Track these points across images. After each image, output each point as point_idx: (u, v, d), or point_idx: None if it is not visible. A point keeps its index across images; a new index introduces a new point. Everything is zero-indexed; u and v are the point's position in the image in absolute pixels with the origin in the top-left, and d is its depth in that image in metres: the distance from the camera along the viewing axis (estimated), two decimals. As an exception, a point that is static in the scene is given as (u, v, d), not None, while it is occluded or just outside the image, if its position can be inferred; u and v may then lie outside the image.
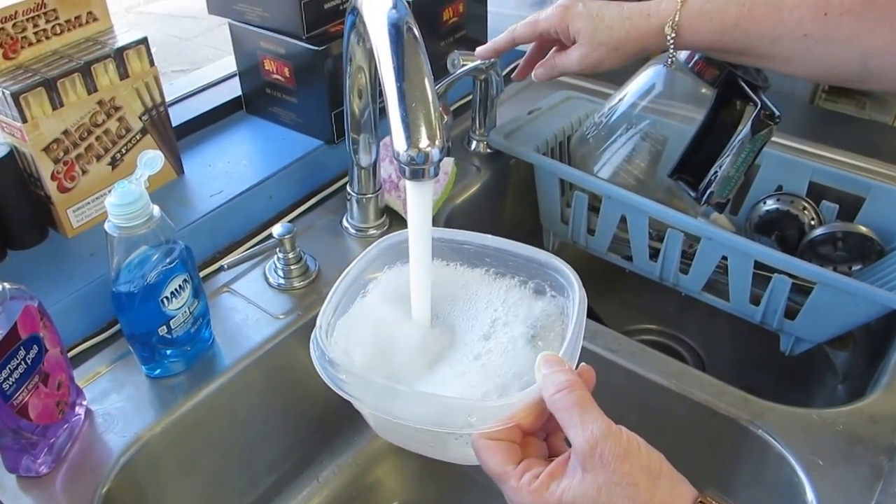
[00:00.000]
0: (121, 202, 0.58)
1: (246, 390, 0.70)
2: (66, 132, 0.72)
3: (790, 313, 0.82)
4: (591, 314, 0.78)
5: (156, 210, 0.61)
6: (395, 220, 0.86)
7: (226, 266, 0.69)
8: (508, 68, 0.96)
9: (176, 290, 0.63)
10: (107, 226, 0.60)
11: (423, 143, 0.46)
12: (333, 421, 0.83)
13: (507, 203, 1.01)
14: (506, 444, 0.46)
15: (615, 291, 1.07)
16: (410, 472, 0.86)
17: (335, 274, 0.78)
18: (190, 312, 0.65)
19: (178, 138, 0.86)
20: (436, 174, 0.48)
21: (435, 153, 0.47)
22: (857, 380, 0.91)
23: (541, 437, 0.49)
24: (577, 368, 0.49)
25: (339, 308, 0.55)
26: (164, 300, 0.63)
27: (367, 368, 0.53)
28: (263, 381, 0.71)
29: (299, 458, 0.80)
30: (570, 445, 0.45)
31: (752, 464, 0.67)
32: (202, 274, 0.77)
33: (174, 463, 0.66)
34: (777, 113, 0.76)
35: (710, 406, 0.67)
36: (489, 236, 0.60)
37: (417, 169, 0.47)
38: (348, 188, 0.82)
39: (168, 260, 0.62)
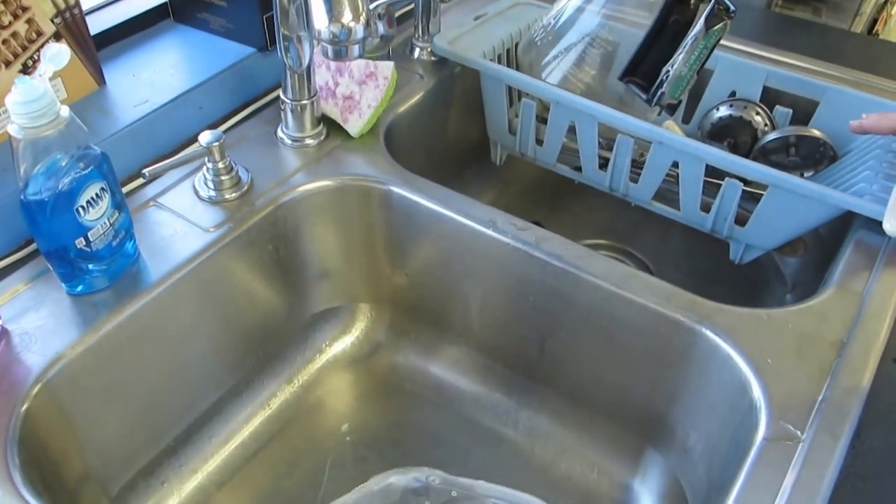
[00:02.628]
0: (23, 99, 0.54)
1: (176, 307, 0.67)
2: (-34, 34, 0.66)
3: (740, 220, 0.81)
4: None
5: (64, 111, 0.57)
6: (332, 129, 0.82)
7: (147, 174, 0.65)
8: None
9: (92, 199, 0.59)
10: (10, 128, 0.55)
11: (346, 17, 0.43)
12: (273, 339, 0.81)
13: (451, 115, 0.98)
14: None
15: (566, 207, 1.05)
16: (356, 392, 0.85)
17: (269, 185, 0.75)
18: (111, 224, 0.62)
19: (99, 48, 0.81)
20: (360, 54, 0.44)
21: (359, 29, 0.43)
22: (807, 287, 0.91)
23: None
24: None
25: None
26: (80, 210, 0.59)
27: None
28: (195, 298, 0.68)
29: (239, 380, 0.78)
30: None
31: (701, 366, 0.66)
32: (127, 189, 0.73)
33: (102, 384, 0.63)
34: (732, 7, 0.73)
35: (658, 309, 0.66)
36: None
37: (340, 47, 0.44)
38: (282, 95, 0.78)
39: (81, 165, 0.58)
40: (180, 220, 0.70)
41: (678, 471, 0.72)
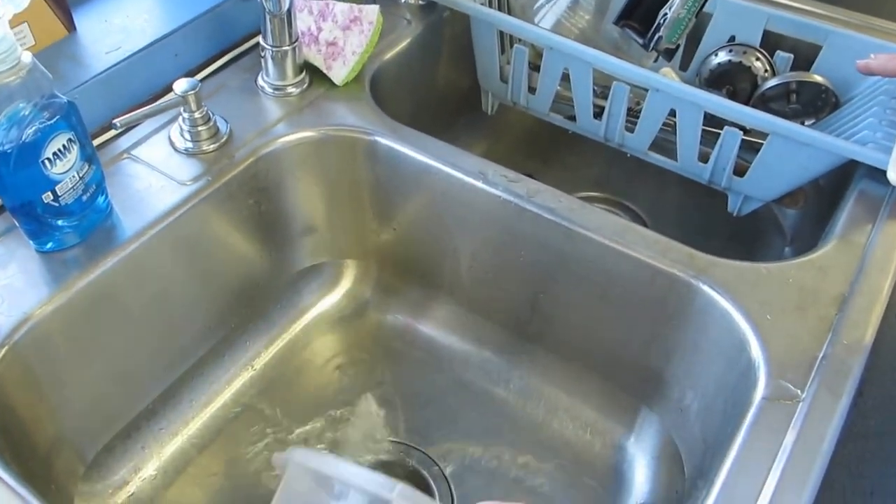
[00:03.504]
0: (-21, 45, 0.50)
1: (152, 264, 0.64)
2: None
3: (739, 171, 0.79)
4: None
5: (26, 56, 0.53)
6: (315, 77, 0.79)
7: (118, 124, 0.62)
8: None
9: (59, 150, 0.56)
10: (-33, 76, 0.52)
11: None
12: (256, 298, 0.78)
13: (440, 62, 0.94)
14: None
15: (559, 159, 1.02)
16: (342, 352, 0.82)
17: (249, 136, 0.72)
18: (80, 178, 0.59)
19: (68, -8, 0.77)
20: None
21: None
22: (806, 240, 0.89)
23: None
24: None
25: None
26: (46, 162, 0.56)
27: None
28: (172, 254, 0.66)
29: (220, 340, 0.76)
30: None
31: (697, 323, 0.64)
32: (99, 140, 0.69)
33: (74, 346, 0.61)
34: (732, -55, 0.70)
35: (653, 264, 0.64)
36: None
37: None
38: (261, 41, 0.74)
39: (46, 115, 0.55)
40: (155, 174, 0.67)
41: (673, 430, 0.70)
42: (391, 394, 0.78)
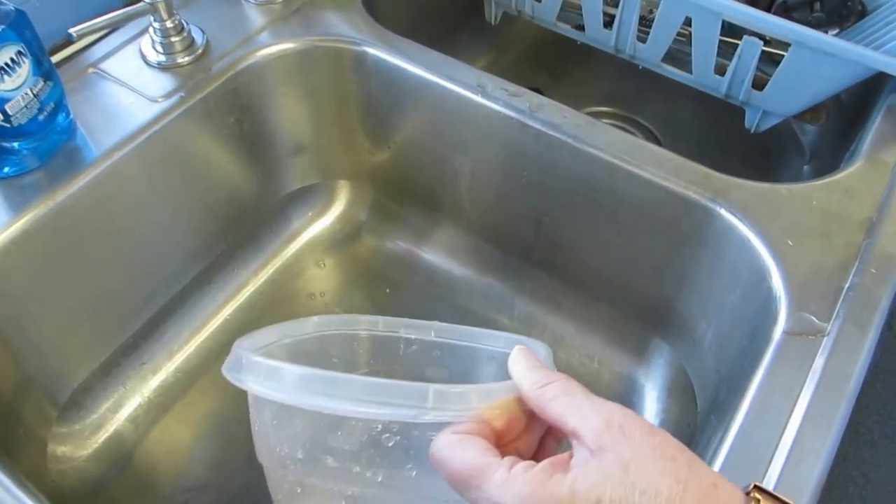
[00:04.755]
0: None
1: (123, 188, 0.58)
2: None
3: (758, 84, 0.71)
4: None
5: (-42, -45, 0.46)
6: (303, -15, 0.70)
7: (74, 35, 0.54)
8: None
9: (7, 65, 0.49)
10: None
11: None
12: (243, 222, 0.72)
13: (440, -33, 0.85)
14: (482, 439, 0.33)
15: (567, 73, 0.94)
16: (337, 279, 0.76)
17: (228, 48, 0.64)
18: (34, 95, 0.51)
19: None
20: None
21: None
22: (826, 159, 0.81)
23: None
24: None
25: None
26: (-7, 77, 0.49)
27: None
28: (145, 177, 0.59)
29: (205, 268, 0.70)
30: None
31: (713, 249, 0.57)
32: (62, 55, 0.62)
33: (37, 279, 0.55)
34: None
35: (666, 185, 0.57)
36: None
37: None
38: (240, -56, 0.66)
39: (-11, 24, 0.47)
40: (125, 90, 0.60)
41: (685, 361, 0.64)
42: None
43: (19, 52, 0.50)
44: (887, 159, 0.59)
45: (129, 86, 0.60)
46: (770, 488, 0.33)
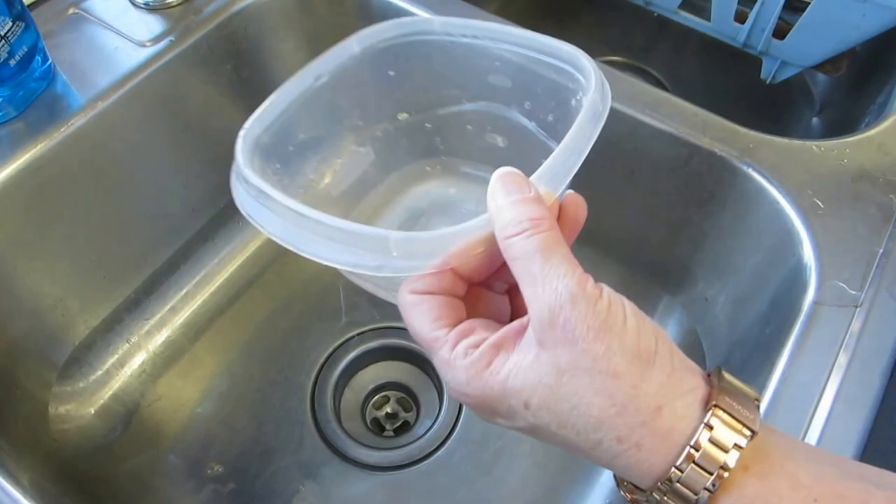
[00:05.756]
0: None
1: (111, 138, 0.52)
2: None
3: (778, 33, 0.64)
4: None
5: None
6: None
7: (50, -31, 0.48)
8: None
9: (-26, 4, 0.43)
10: None
11: None
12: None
13: None
14: (439, 300, 0.29)
15: (577, 19, 0.87)
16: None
17: (220, -14, 0.57)
18: (4, 38, 0.45)
19: None
20: None
21: None
22: (838, 109, 0.76)
23: (499, 289, 0.32)
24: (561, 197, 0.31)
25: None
26: (-42, 18, 0.42)
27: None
28: (135, 127, 0.53)
29: (209, 220, 0.64)
30: None
31: (737, 208, 0.52)
32: (41, -8, 0.55)
33: (20, 237, 0.49)
34: None
35: (692, 141, 0.51)
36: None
37: None
38: None
39: (-50, -43, 0.41)
40: (109, 32, 0.53)
41: (697, 322, 0.60)
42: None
43: (-13, -10, 0.43)
44: (921, 113, 0.53)
45: (114, 28, 0.53)
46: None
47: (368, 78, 0.41)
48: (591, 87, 0.35)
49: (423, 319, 0.29)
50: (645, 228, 0.60)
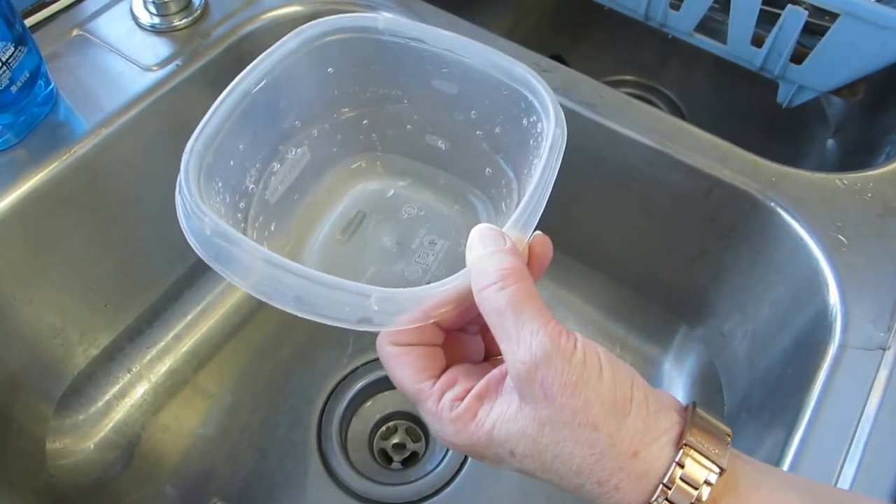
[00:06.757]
0: None
1: (115, 166, 0.50)
2: None
3: (796, 58, 0.63)
4: (561, 63, 0.58)
5: None
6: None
7: (53, -7, 0.46)
8: None
9: (-26, 29, 0.41)
10: None
11: None
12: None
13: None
14: (421, 351, 0.30)
15: (588, 36, 0.85)
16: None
17: (231, 9, 0.55)
18: (4, 63, 0.43)
19: None
20: None
21: None
22: (853, 132, 0.74)
23: (472, 331, 0.33)
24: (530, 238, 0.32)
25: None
26: (-43, 44, 0.40)
27: None
28: (139, 154, 0.51)
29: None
30: None
31: (759, 243, 0.50)
32: (42, 14, 0.53)
33: (18, 265, 0.47)
34: None
35: (712, 173, 0.49)
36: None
37: None
38: None
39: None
40: (114, 55, 0.51)
41: (714, 354, 0.58)
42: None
43: (-13, 14, 0.41)
44: (945, 145, 0.52)
45: (119, 51, 0.51)
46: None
47: (306, 76, 0.39)
48: (551, 119, 0.35)
49: (406, 372, 0.30)
50: (662, 257, 0.58)
